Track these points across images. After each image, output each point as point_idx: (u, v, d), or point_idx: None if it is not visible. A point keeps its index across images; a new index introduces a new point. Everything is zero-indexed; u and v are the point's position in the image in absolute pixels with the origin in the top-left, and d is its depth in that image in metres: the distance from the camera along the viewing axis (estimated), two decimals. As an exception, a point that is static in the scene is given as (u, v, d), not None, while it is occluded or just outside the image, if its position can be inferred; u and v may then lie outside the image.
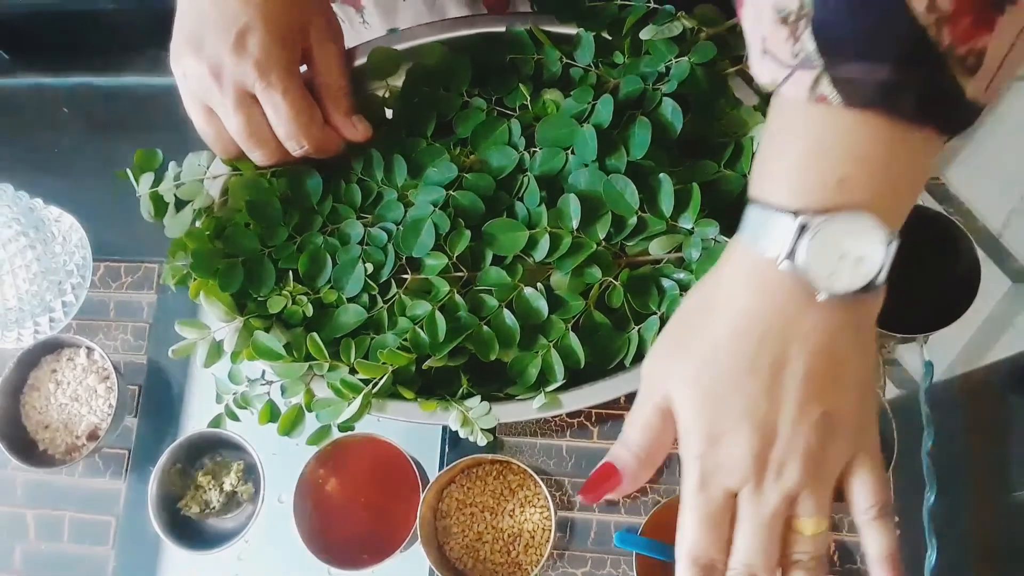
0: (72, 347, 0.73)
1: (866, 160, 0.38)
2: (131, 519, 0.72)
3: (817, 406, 0.41)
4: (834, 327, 0.41)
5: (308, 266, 0.58)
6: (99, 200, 0.79)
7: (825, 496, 0.43)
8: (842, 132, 0.38)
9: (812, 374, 0.41)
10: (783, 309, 0.40)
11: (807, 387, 0.41)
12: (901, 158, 0.38)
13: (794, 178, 0.39)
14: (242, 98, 0.55)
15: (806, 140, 0.39)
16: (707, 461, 0.43)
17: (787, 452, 0.42)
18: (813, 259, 0.38)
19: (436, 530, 0.65)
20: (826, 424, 0.42)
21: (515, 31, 0.61)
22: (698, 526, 0.43)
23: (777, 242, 0.39)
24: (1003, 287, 0.74)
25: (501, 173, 0.58)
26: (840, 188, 0.38)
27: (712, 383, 0.42)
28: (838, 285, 0.39)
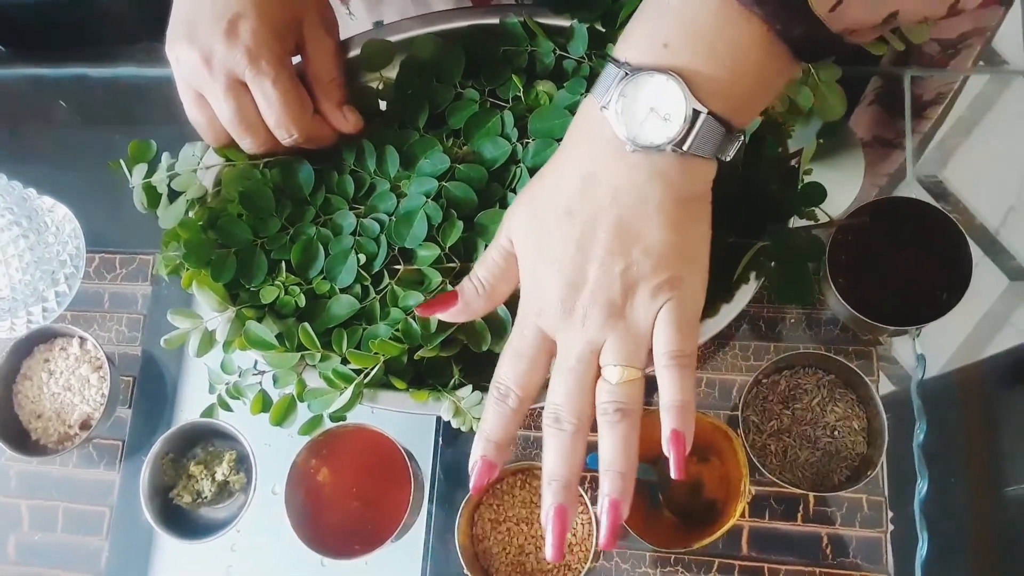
0: (65, 337, 0.74)
1: (693, 32, 0.41)
2: (125, 509, 0.73)
3: (622, 258, 0.44)
4: (645, 181, 0.43)
5: (301, 257, 0.58)
6: (94, 191, 0.79)
7: (632, 346, 0.44)
8: (680, 2, 0.41)
9: (620, 225, 0.43)
10: (600, 154, 0.43)
11: (614, 238, 0.44)
12: (729, 41, 0.41)
13: (631, 36, 0.43)
14: (232, 85, 0.55)
15: (652, 4, 0.43)
16: (528, 300, 0.46)
17: (591, 300, 0.44)
18: (623, 108, 0.42)
19: (477, 555, 0.65)
20: (628, 277, 0.44)
21: (508, 23, 0.61)
22: (506, 358, 0.47)
23: (603, 90, 0.43)
24: (1000, 285, 0.74)
25: (494, 164, 0.58)
26: (664, 50, 0.42)
27: (538, 224, 0.46)
28: (642, 137, 0.42)
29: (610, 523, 0.44)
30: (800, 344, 0.69)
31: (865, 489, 0.65)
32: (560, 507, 0.44)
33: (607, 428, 0.44)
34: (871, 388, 0.63)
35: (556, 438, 0.45)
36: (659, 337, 0.44)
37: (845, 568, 0.64)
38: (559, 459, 0.45)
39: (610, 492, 0.44)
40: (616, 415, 0.44)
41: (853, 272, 0.63)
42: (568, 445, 0.45)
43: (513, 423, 0.46)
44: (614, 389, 0.44)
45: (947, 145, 0.82)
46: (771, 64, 0.42)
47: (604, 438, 0.44)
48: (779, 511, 0.66)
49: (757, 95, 0.44)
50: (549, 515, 0.44)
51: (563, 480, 0.45)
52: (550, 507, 0.44)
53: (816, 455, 0.64)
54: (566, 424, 0.45)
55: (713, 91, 0.42)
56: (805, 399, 0.65)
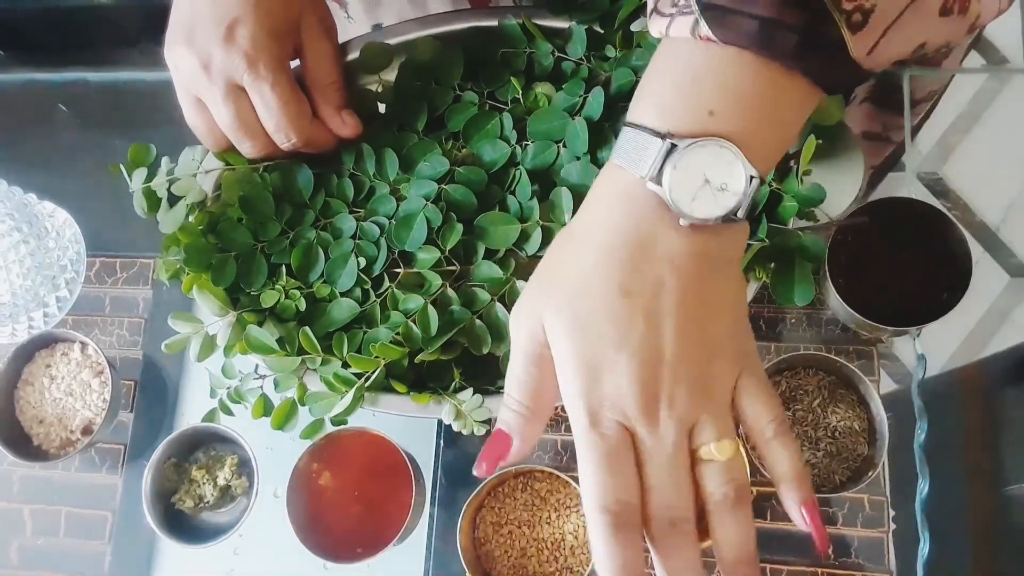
0: (66, 342, 0.74)
1: (738, 97, 0.39)
2: (127, 514, 0.73)
3: (696, 327, 0.40)
4: (700, 252, 0.41)
5: (301, 260, 0.58)
6: (94, 196, 0.79)
7: (724, 417, 0.41)
8: (717, 66, 0.39)
9: (686, 296, 0.40)
10: (651, 229, 0.40)
11: (683, 309, 0.40)
12: (774, 101, 0.40)
13: (667, 104, 0.40)
14: (231, 90, 0.55)
15: (684, 70, 0.40)
16: (591, 397, 0.40)
17: (674, 377, 0.40)
18: (677, 181, 0.39)
19: (479, 558, 0.65)
20: (708, 345, 0.40)
21: (507, 25, 0.61)
22: (599, 469, 0.39)
23: (646, 162, 0.40)
24: (1001, 282, 0.74)
25: (493, 167, 0.58)
26: (710, 118, 0.39)
27: (584, 309, 0.40)
28: (699, 211, 0.40)
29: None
30: (800, 344, 0.69)
31: (867, 489, 0.64)
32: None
33: (728, 514, 0.39)
34: (872, 388, 0.63)
35: (681, 544, 0.39)
36: (753, 407, 0.41)
37: (847, 568, 0.64)
38: (690, 568, 0.39)
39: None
40: (736, 494, 0.40)
41: (853, 272, 0.63)
42: (694, 546, 0.39)
43: (642, 545, 0.39)
44: (724, 467, 0.40)
45: (947, 142, 0.82)
46: (806, 111, 0.41)
47: (726, 527, 0.40)
48: (781, 511, 0.65)
49: (789, 142, 0.43)
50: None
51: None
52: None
53: (817, 456, 0.64)
54: (685, 523, 0.39)
55: (760, 153, 0.40)
56: (806, 400, 0.65)
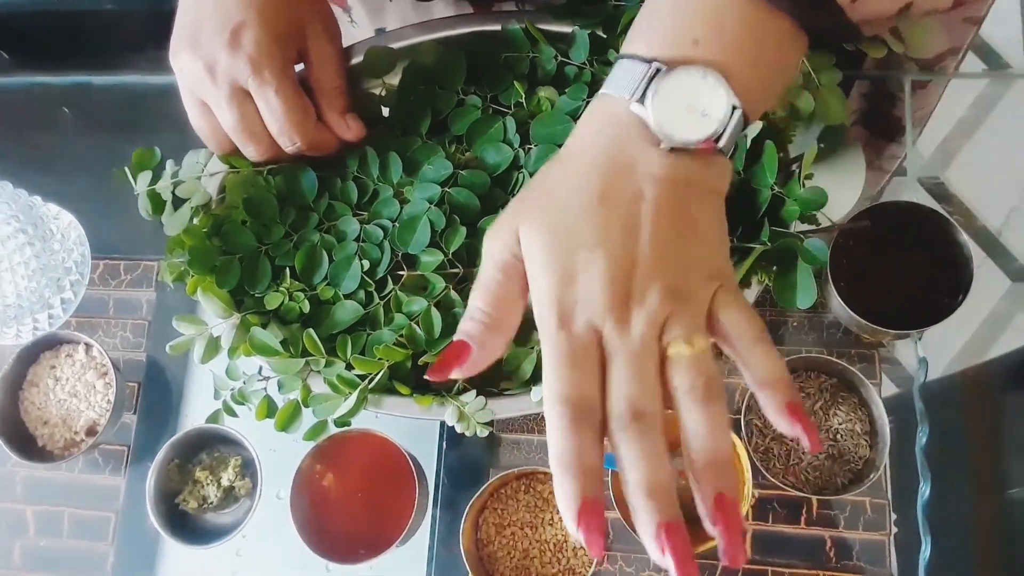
0: (71, 343, 0.74)
1: (721, 28, 0.40)
2: (130, 515, 0.73)
3: (673, 239, 0.40)
4: (681, 176, 0.41)
5: (304, 263, 0.58)
6: (99, 199, 0.80)
7: (696, 316, 0.40)
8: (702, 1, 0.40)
9: (665, 209, 0.40)
10: (633, 149, 0.41)
11: (661, 220, 0.40)
12: (757, 36, 0.41)
13: (655, 33, 0.42)
14: (235, 93, 0.55)
15: (671, 3, 0.41)
16: (563, 299, 0.39)
17: (647, 277, 0.39)
18: (659, 103, 0.40)
19: (481, 560, 0.65)
20: (683, 258, 0.40)
21: (511, 30, 0.62)
22: (562, 364, 0.38)
23: (631, 85, 0.41)
24: (1003, 286, 0.74)
25: (496, 170, 0.58)
26: (694, 46, 0.40)
27: (561, 214, 0.40)
28: (680, 133, 0.40)
29: (733, 531, 0.36)
30: (803, 347, 0.69)
31: (868, 492, 0.65)
32: (674, 524, 0.36)
33: (699, 409, 0.38)
34: (873, 391, 0.63)
35: (644, 437, 0.37)
36: (732, 320, 0.40)
37: (849, 571, 0.64)
38: (655, 463, 0.37)
39: (725, 488, 0.37)
40: (706, 389, 0.38)
41: (855, 276, 0.63)
42: (659, 441, 0.37)
43: (601, 441, 0.38)
44: (695, 361, 0.38)
45: (949, 147, 0.82)
46: (790, 55, 0.42)
47: (696, 423, 0.38)
48: (783, 514, 0.66)
49: (775, 86, 0.44)
50: (663, 539, 0.36)
51: (665, 487, 0.37)
52: (660, 530, 0.36)
53: (819, 458, 0.64)
54: (651, 417, 0.37)
55: (743, 86, 0.41)
56: (808, 403, 0.65)
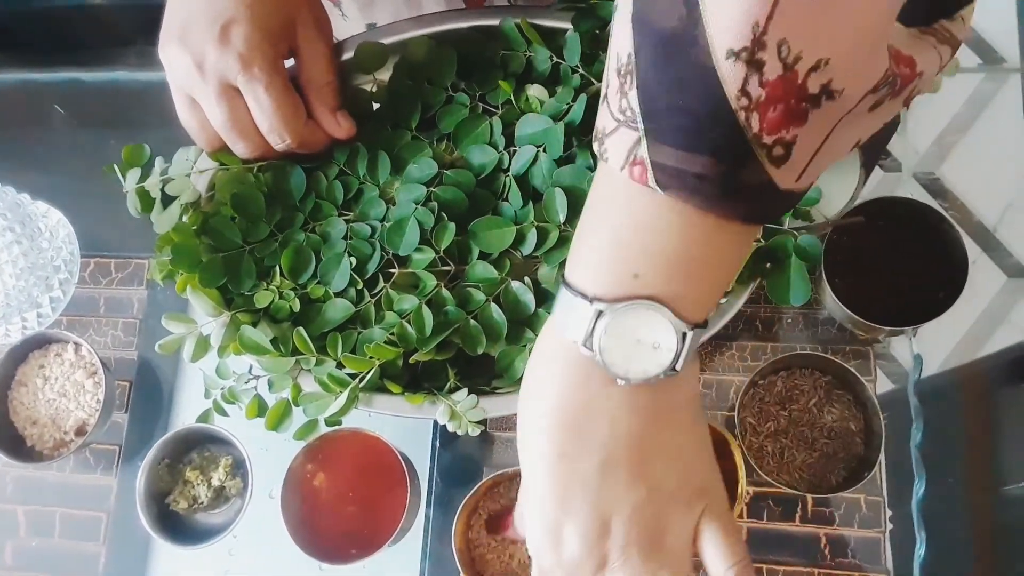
0: (60, 343, 0.73)
1: (665, 257, 0.37)
2: (122, 515, 0.72)
3: (642, 486, 0.40)
4: (643, 408, 0.40)
5: (292, 261, 0.58)
6: (89, 196, 0.79)
7: (678, 564, 0.41)
8: (644, 222, 0.37)
9: (629, 458, 0.40)
10: (589, 394, 0.40)
11: (626, 472, 0.40)
12: (703, 254, 0.37)
13: (594, 266, 0.39)
14: (224, 90, 0.55)
15: (613, 226, 0.38)
16: (544, 561, 0.42)
17: (624, 541, 0.40)
18: (608, 346, 0.38)
19: (473, 560, 0.65)
20: (656, 501, 0.40)
21: (506, 27, 0.61)
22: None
23: (578, 327, 0.38)
24: (998, 282, 0.74)
25: (482, 171, 0.58)
26: (635, 281, 0.38)
27: (539, 481, 0.41)
28: (635, 371, 0.39)
29: None
30: (797, 344, 0.69)
31: (863, 489, 0.64)
32: None
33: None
34: (868, 388, 0.63)
35: None
36: (714, 553, 0.42)
37: (844, 568, 0.64)
38: None
39: None
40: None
41: (849, 272, 0.63)
42: None
43: None
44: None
45: (944, 142, 0.82)
46: (742, 248, 0.40)
47: None
48: (777, 512, 0.65)
49: (726, 282, 0.41)
50: None
51: None
52: None
53: (813, 456, 0.64)
54: None
55: (692, 305, 0.39)
56: (802, 400, 0.65)
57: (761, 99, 0.32)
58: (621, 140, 0.35)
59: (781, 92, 0.31)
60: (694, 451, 0.42)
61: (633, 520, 0.40)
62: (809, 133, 0.33)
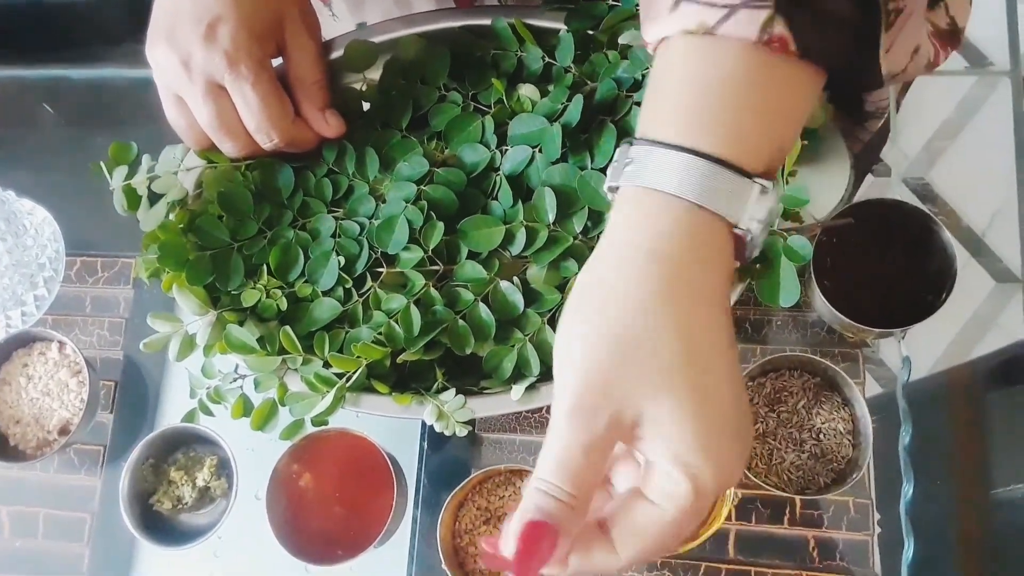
0: (44, 341, 0.73)
1: (797, 124, 0.39)
2: (106, 516, 0.72)
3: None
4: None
5: (280, 259, 0.58)
6: (75, 194, 0.79)
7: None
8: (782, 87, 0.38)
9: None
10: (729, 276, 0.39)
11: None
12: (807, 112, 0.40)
13: (752, 141, 0.37)
14: (211, 89, 0.55)
15: (755, 95, 0.37)
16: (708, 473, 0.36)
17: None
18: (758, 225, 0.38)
19: (456, 550, 0.65)
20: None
21: (499, 27, 0.61)
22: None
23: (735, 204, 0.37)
24: (987, 287, 0.74)
25: (474, 170, 0.57)
26: (779, 154, 0.39)
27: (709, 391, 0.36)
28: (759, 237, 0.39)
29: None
30: (786, 347, 0.69)
31: (852, 492, 0.64)
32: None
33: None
34: (856, 390, 0.63)
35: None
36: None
37: (832, 571, 0.64)
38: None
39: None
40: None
41: (838, 274, 0.63)
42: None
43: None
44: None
45: (934, 147, 0.82)
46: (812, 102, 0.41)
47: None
48: (766, 514, 0.65)
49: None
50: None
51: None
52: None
53: (802, 458, 0.64)
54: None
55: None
56: (791, 402, 0.65)
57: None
58: (746, 19, 0.36)
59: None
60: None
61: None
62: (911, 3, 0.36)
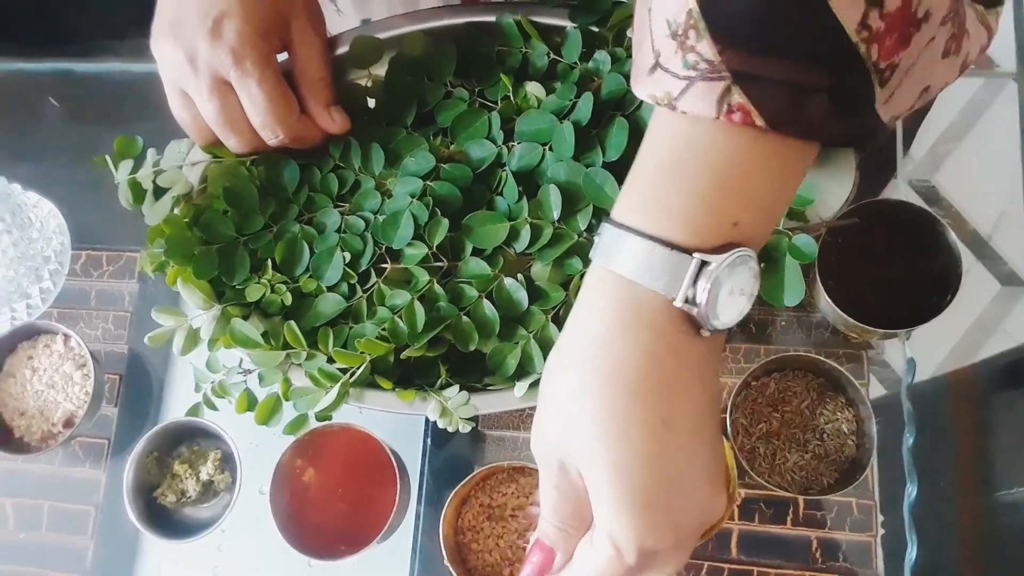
0: (48, 334, 0.73)
1: (762, 203, 0.38)
2: (110, 508, 0.72)
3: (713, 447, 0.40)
4: (712, 359, 0.40)
5: (285, 254, 0.58)
6: (81, 187, 0.79)
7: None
8: (742, 164, 0.36)
9: (713, 421, 0.40)
10: (683, 353, 0.38)
11: (714, 436, 0.40)
12: (790, 187, 0.38)
13: (689, 216, 0.37)
14: (216, 84, 0.55)
15: (705, 175, 0.37)
16: (649, 543, 0.39)
17: (696, 529, 0.42)
18: (709, 298, 0.37)
19: (459, 546, 0.65)
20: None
21: (504, 23, 0.61)
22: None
23: (674, 280, 0.37)
24: (992, 290, 0.74)
25: (480, 166, 0.57)
26: (734, 230, 0.37)
27: (633, 449, 0.38)
28: (723, 319, 0.38)
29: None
30: (791, 347, 0.69)
31: (855, 493, 0.64)
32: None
33: None
34: (860, 391, 0.63)
35: None
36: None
37: (835, 572, 0.63)
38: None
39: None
40: None
41: (843, 275, 0.63)
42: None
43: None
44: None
45: (940, 150, 0.82)
46: (805, 170, 0.40)
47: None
48: (769, 514, 0.65)
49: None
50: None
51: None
52: None
53: (805, 458, 0.64)
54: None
55: (766, 238, 0.39)
56: (794, 402, 0.65)
57: (880, 30, 0.33)
58: (703, 93, 0.35)
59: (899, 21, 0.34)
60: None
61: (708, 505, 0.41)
62: (908, 56, 0.35)
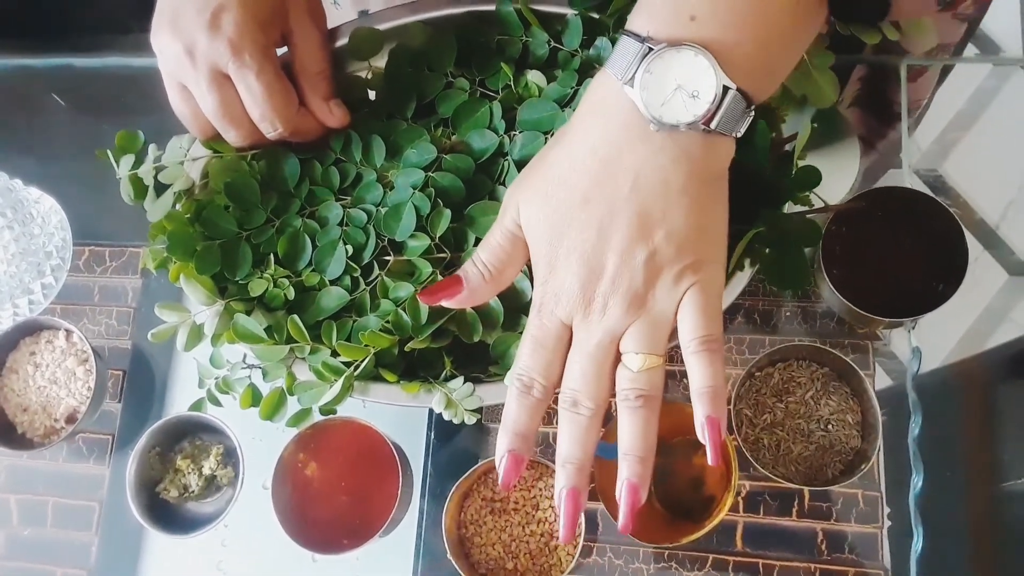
0: (51, 329, 0.73)
1: (726, 4, 0.39)
2: (114, 504, 0.72)
3: (643, 246, 0.43)
4: (668, 163, 0.41)
5: (287, 248, 0.57)
6: (82, 183, 0.79)
7: (654, 333, 0.44)
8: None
9: (642, 211, 0.42)
10: (619, 135, 0.42)
11: (636, 226, 0.42)
12: (769, 13, 0.39)
13: (654, 8, 0.41)
14: (215, 77, 0.54)
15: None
16: (545, 288, 0.45)
17: (610, 290, 0.43)
18: (647, 83, 0.40)
19: (461, 540, 0.65)
20: (652, 264, 0.43)
21: (504, 12, 0.60)
22: (527, 348, 0.46)
23: (623, 65, 0.41)
24: (1000, 279, 0.74)
25: (482, 156, 0.57)
26: (691, 23, 0.39)
27: (552, 211, 0.44)
28: (668, 115, 0.40)
29: (629, 506, 0.43)
30: (795, 338, 0.68)
31: (861, 484, 0.64)
32: (574, 490, 0.44)
33: (628, 414, 0.44)
34: (865, 381, 0.62)
35: (572, 422, 0.45)
36: (685, 323, 0.44)
37: (841, 564, 0.63)
38: (574, 442, 0.45)
39: (630, 476, 0.44)
40: (638, 401, 0.44)
41: (848, 263, 0.62)
42: (584, 428, 0.45)
43: (538, 414, 0.46)
44: (636, 376, 0.44)
45: (946, 139, 0.82)
46: (805, 30, 0.41)
47: (624, 423, 0.44)
48: (774, 506, 0.65)
49: (784, 63, 0.43)
50: (562, 496, 0.44)
51: (578, 463, 0.45)
52: (563, 489, 0.44)
53: (809, 449, 0.63)
54: (583, 408, 0.45)
55: (740, 65, 0.40)
56: (799, 392, 0.65)
57: None
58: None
59: None
60: (702, 226, 0.43)
61: (623, 274, 0.43)
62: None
